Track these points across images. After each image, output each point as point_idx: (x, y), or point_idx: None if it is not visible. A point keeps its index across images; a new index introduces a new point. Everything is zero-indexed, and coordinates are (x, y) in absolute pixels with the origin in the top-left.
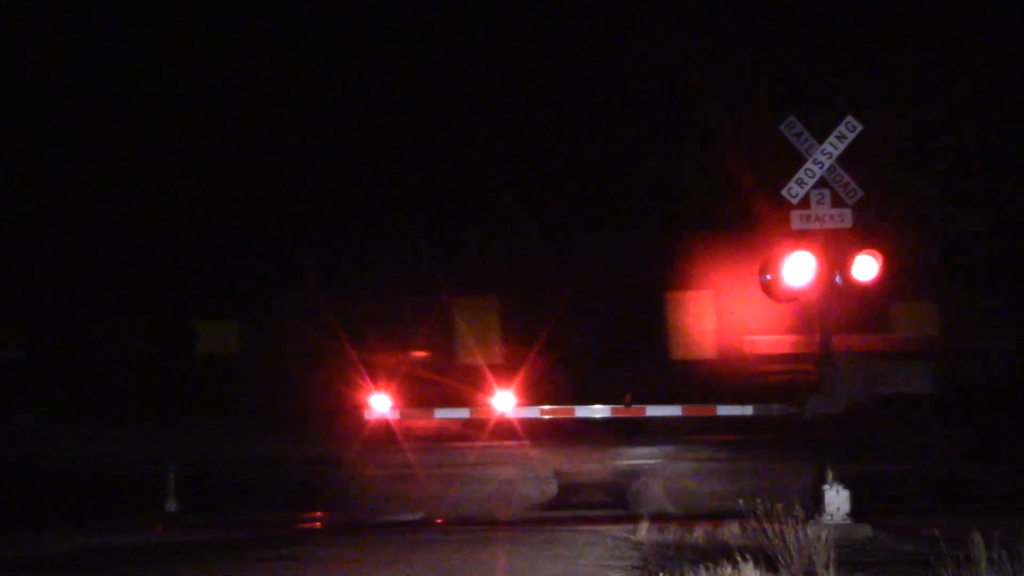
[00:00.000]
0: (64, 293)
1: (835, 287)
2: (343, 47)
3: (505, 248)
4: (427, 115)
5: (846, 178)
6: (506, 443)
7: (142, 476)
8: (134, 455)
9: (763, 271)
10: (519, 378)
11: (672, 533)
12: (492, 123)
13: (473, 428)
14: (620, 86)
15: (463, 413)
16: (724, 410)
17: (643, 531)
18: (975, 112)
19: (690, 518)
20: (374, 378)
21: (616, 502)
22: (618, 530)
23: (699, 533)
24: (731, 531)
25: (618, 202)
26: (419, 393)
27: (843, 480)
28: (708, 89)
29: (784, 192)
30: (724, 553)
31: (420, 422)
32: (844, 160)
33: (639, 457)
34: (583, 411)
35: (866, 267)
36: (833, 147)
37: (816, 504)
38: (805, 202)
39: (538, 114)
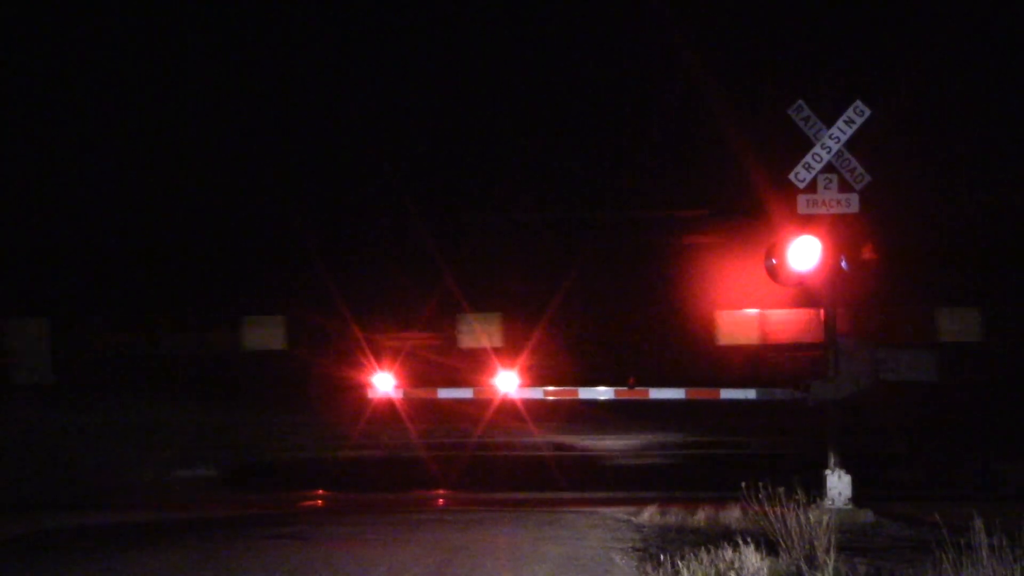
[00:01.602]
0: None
1: (840, 271)
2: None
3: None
4: (425, 103)
5: (854, 163)
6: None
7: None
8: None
9: (769, 255)
10: (522, 359)
11: (674, 516)
12: (495, 113)
13: (477, 408)
14: (628, 71)
15: (467, 393)
16: (727, 394)
17: (645, 513)
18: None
19: (693, 501)
20: (378, 357)
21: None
22: (620, 512)
23: (701, 516)
24: (733, 515)
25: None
26: (423, 373)
27: (845, 465)
28: (717, 72)
29: (791, 176)
30: (726, 536)
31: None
32: (852, 145)
33: None
34: (587, 392)
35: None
36: (841, 132)
37: (818, 489)
38: (812, 187)
39: (541, 102)
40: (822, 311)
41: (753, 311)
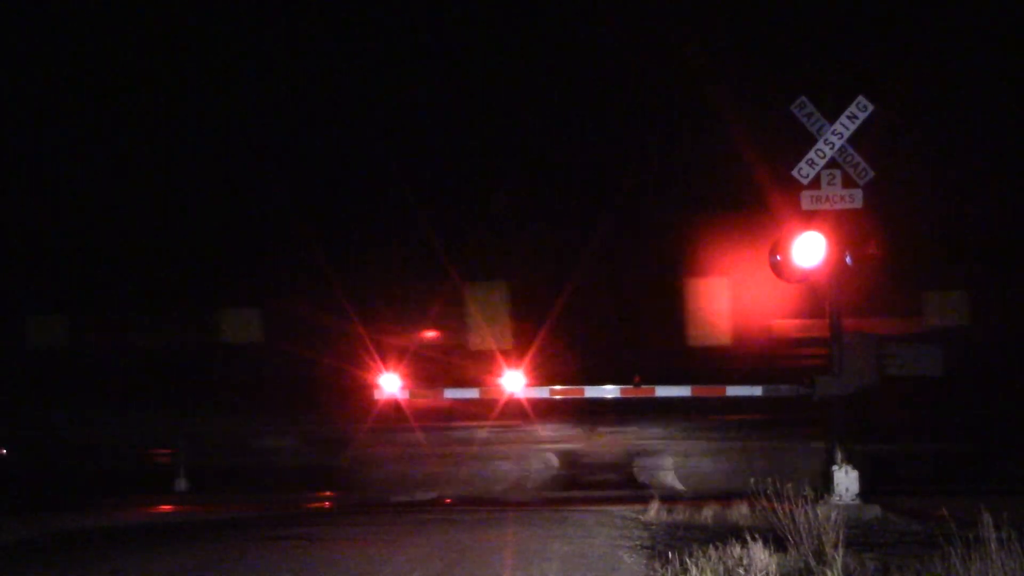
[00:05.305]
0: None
1: (845, 267)
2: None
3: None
4: (432, 101)
5: (857, 158)
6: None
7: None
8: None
9: (773, 252)
10: (528, 359)
11: (681, 513)
12: (500, 108)
13: (483, 408)
14: (630, 68)
15: (473, 393)
16: (734, 391)
17: (652, 511)
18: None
19: (700, 498)
20: (384, 358)
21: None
22: (627, 510)
23: (708, 513)
24: (740, 511)
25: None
26: (429, 373)
27: (852, 461)
28: (718, 68)
29: (795, 172)
30: (733, 533)
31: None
32: (855, 140)
33: None
34: (592, 391)
35: None
36: (844, 127)
37: (825, 485)
38: (816, 183)
39: (543, 99)
40: (827, 307)
41: None
